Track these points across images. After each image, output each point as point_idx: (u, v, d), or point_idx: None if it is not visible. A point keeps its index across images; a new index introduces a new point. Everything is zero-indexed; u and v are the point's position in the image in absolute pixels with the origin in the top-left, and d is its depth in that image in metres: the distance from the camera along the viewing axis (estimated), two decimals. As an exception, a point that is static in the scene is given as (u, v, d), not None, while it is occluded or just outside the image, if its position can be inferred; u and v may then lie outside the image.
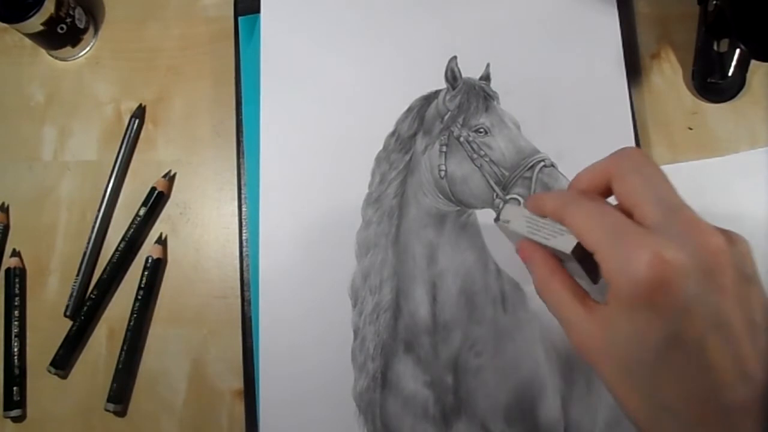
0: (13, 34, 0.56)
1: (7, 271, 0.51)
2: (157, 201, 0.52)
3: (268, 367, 0.46)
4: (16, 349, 0.50)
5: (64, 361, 0.49)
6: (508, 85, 0.48)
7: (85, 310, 0.50)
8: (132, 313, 0.49)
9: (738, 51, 0.49)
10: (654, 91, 0.51)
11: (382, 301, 0.45)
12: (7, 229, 0.53)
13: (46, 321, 0.51)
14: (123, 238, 0.51)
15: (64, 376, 0.50)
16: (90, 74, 0.56)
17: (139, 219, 0.51)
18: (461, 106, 0.47)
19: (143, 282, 0.50)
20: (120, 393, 0.48)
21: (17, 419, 0.49)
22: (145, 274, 0.50)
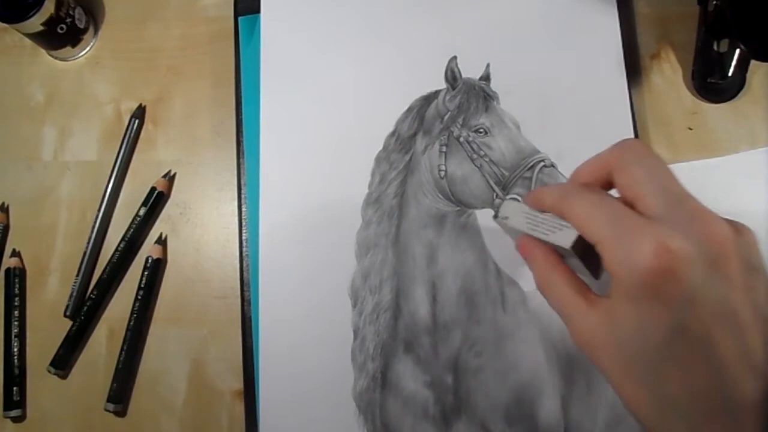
0: (13, 34, 0.56)
1: (7, 271, 0.51)
2: (157, 201, 0.52)
3: (268, 367, 0.46)
4: (16, 349, 0.50)
5: (64, 361, 0.49)
6: (508, 85, 0.48)
7: (85, 310, 0.50)
8: (132, 313, 0.49)
9: (738, 51, 0.49)
10: (654, 91, 0.51)
11: (382, 301, 0.45)
12: (7, 229, 0.53)
13: (46, 321, 0.51)
14: (123, 238, 0.51)
15: (64, 376, 0.50)
16: (90, 74, 0.56)
17: (139, 219, 0.51)
18: (461, 106, 0.47)
19: (143, 282, 0.50)
20: (120, 393, 0.48)
21: (17, 419, 0.49)
22: (145, 274, 0.50)
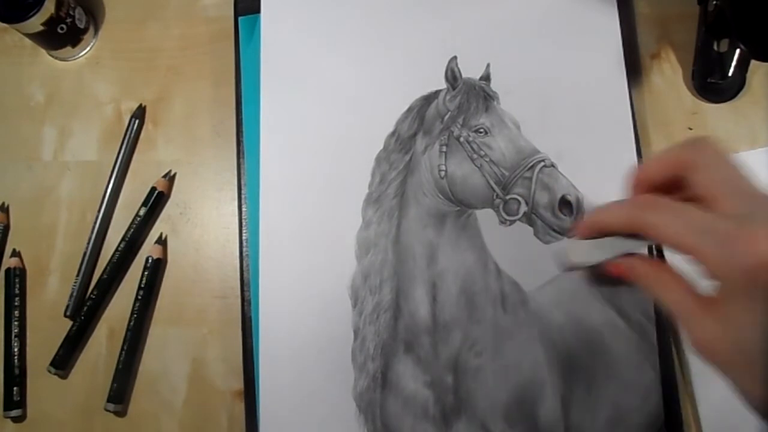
0: (13, 34, 0.56)
1: (7, 271, 0.51)
2: (157, 201, 0.52)
3: (268, 367, 0.46)
4: (16, 349, 0.50)
5: (64, 361, 0.49)
6: (508, 85, 0.48)
7: (85, 310, 0.50)
8: (132, 313, 0.49)
9: (738, 51, 0.49)
10: (654, 91, 0.51)
11: (382, 301, 0.45)
12: (7, 229, 0.53)
13: (46, 321, 0.51)
14: (123, 238, 0.51)
15: (64, 376, 0.50)
16: (90, 74, 0.56)
17: (139, 219, 0.51)
18: (461, 106, 0.47)
19: (143, 282, 0.50)
20: (120, 393, 0.48)
21: (17, 419, 0.49)
22: (145, 274, 0.50)
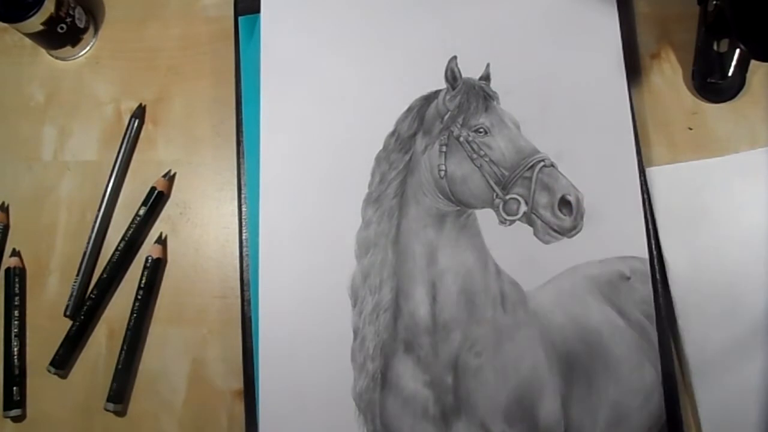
0: (13, 34, 0.56)
1: (7, 270, 0.51)
2: (157, 201, 0.52)
3: (268, 367, 0.46)
4: (16, 349, 0.50)
5: (63, 361, 0.49)
6: (507, 85, 0.48)
7: (85, 310, 0.50)
8: (132, 313, 0.49)
9: (738, 51, 0.49)
10: (654, 91, 0.51)
11: (382, 301, 0.45)
12: (7, 228, 0.53)
13: (46, 321, 0.51)
14: (123, 238, 0.51)
15: (64, 376, 0.50)
16: (90, 74, 0.56)
17: (138, 219, 0.51)
18: (461, 106, 0.47)
19: (143, 282, 0.50)
20: (120, 393, 0.48)
21: (17, 419, 0.49)
22: (145, 273, 0.50)
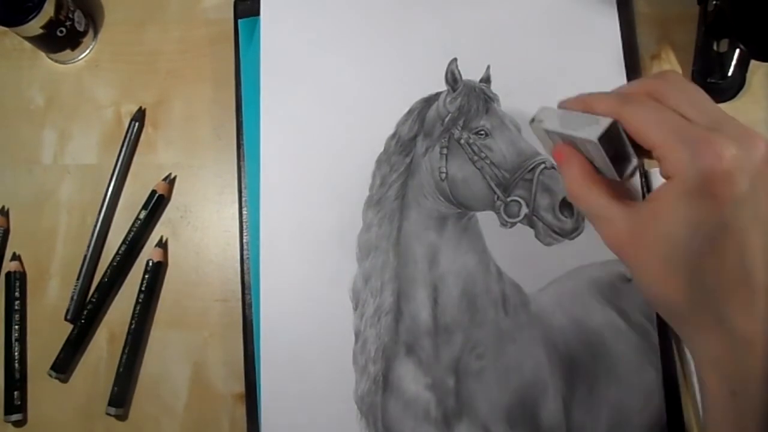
0: (13, 38, 0.56)
1: (8, 274, 0.51)
2: (157, 204, 0.51)
3: (269, 370, 0.46)
4: (17, 353, 0.50)
5: (64, 365, 0.49)
6: (508, 87, 0.48)
7: (86, 314, 0.50)
8: (133, 317, 0.49)
9: (738, 51, 0.49)
10: (654, 91, 0.51)
11: (384, 304, 0.45)
12: (7, 232, 0.53)
13: (47, 325, 0.51)
14: (123, 242, 0.51)
15: (65, 380, 0.50)
16: (90, 77, 0.56)
17: (139, 222, 0.51)
18: (462, 108, 0.47)
19: (144, 285, 0.50)
20: (121, 397, 0.48)
21: (18, 423, 0.49)
22: (146, 277, 0.50)
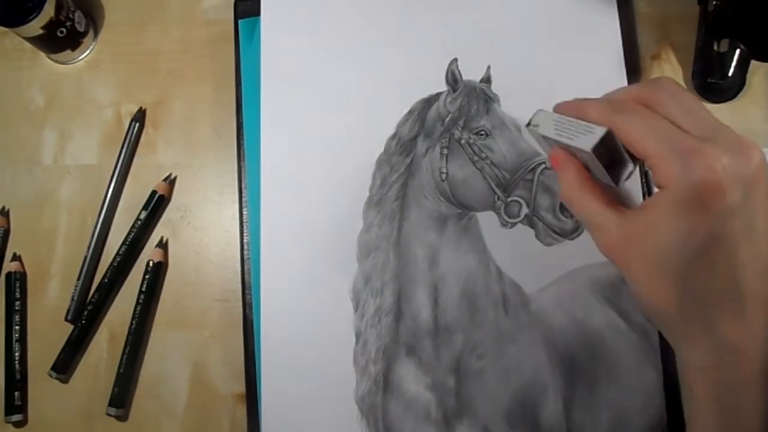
0: (13, 38, 0.56)
1: (8, 275, 0.51)
2: (157, 204, 0.51)
3: (270, 370, 0.46)
4: (17, 354, 0.50)
5: (65, 366, 0.49)
6: (508, 87, 0.48)
7: (86, 314, 0.50)
8: (133, 317, 0.49)
9: (738, 51, 0.49)
10: (654, 92, 0.51)
11: (384, 304, 0.45)
12: (8, 233, 0.53)
13: (47, 325, 0.51)
14: (124, 242, 0.51)
15: (65, 381, 0.50)
16: (90, 78, 0.56)
17: (139, 222, 0.51)
18: (462, 108, 0.47)
19: (144, 286, 0.50)
20: (121, 397, 0.48)
21: (18, 424, 0.49)
22: (146, 277, 0.50)
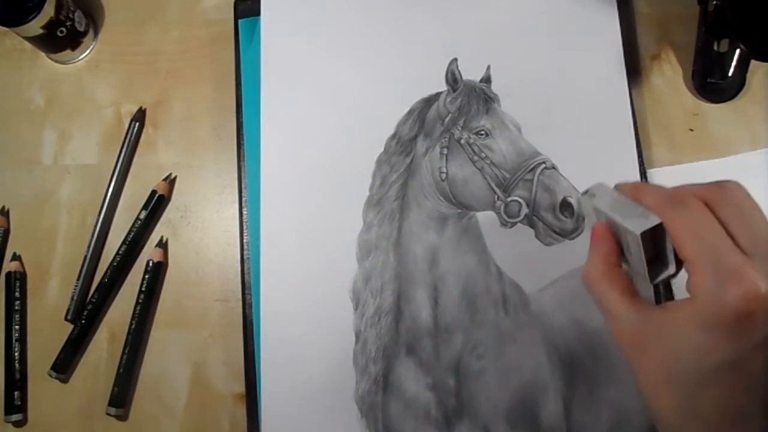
0: (13, 38, 0.56)
1: (8, 275, 0.51)
2: (157, 204, 0.51)
3: (270, 370, 0.46)
4: (17, 354, 0.50)
5: (65, 365, 0.49)
6: (508, 87, 0.48)
7: (86, 314, 0.50)
8: (133, 317, 0.49)
9: (738, 51, 0.49)
10: (654, 92, 0.51)
11: (384, 304, 0.45)
12: (8, 232, 0.53)
13: (47, 325, 0.51)
14: (123, 242, 0.51)
15: (65, 380, 0.50)
16: (90, 77, 0.56)
17: (139, 222, 0.51)
18: (462, 108, 0.47)
19: (144, 285, 0.50)
20: (121, 397, 0.48)
21: (18, 424, 0.49)
22: (146, 277, 0.50)
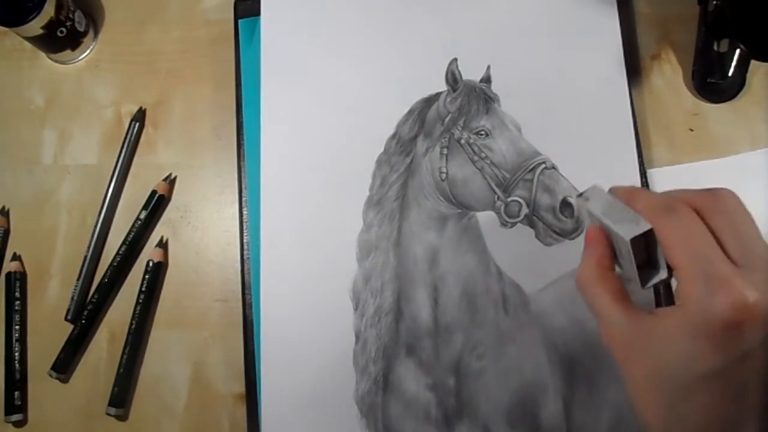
0: (13, 38, 0.56)
1: (8, 275, 0.51)
2: (157, 204, 0.51)
3: (270, 370, 0.46)
4: (17, 354, 0.50)
5: (65, 365, 0.49)
6: (508, 87, 0.48)
7: (86, 314, 0.50)
8: (133, 317, 0.49)
9: (738, 51, 0.49)
10: (654, 92, 0.51)
11: (384, 304, 0.45)
12: (8, 233, 0.53)
13: (47, 325, 0.51)
14: (124, 242, 0.51)
15: (65, 381, 0.50)
16: (90, 77, 0.56)
17: (139, 222, 0.51)
18: (462, 108, 0.47)
19: (144, 285, 0.50)
20: (121, 397, 0.48)
21: (18, 424, 0.49)
22: (146, 277, 0.50)
